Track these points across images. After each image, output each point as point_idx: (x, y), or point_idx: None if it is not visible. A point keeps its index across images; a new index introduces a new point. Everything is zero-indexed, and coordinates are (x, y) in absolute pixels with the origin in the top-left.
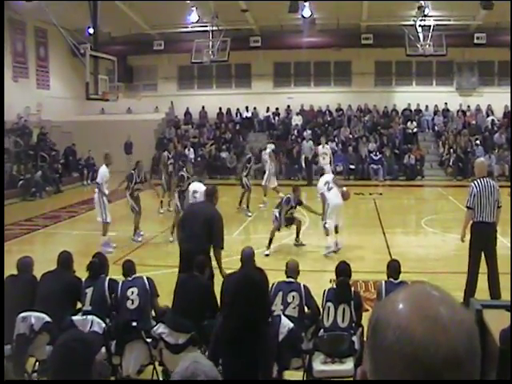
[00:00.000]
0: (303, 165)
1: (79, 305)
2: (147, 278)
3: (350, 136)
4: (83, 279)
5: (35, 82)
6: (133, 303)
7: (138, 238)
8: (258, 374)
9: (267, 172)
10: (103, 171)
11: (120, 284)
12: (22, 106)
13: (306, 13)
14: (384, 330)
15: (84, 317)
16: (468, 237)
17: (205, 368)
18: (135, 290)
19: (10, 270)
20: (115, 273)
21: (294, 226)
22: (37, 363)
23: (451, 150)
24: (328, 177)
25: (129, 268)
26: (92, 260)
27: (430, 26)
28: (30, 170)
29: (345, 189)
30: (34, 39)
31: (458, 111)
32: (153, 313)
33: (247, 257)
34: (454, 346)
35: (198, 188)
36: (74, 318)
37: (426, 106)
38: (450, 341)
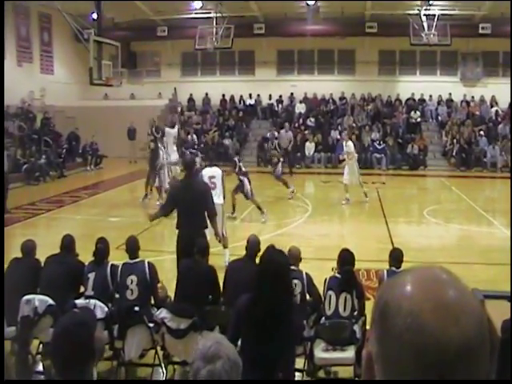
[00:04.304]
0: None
1: (82, 289)
2: (148, 264)
3: (353, 125)
4: (86, 263)
5: (39, 67)
6: (132, 293)
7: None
8: (279, 361)
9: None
10: None
11: (120, 267)
12: (26, 90)
13: (311, 1)
14: (394, 315)
15: (87, 300)
16: None
17: (227, 350)
18: (134, 278)
19: (15, 253)
20: (117, 258)
21: None
22: (41, 345)
23: (454, 141)
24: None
25: (132, 245)
26: (98, 246)
27: (434, 15)
28: (33, 155)
29: None
30: (38, 24)
31: (461, 101)
32: (152, 301)
33: (253, 245)
34: (466, 337)
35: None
36: (77, 301)
37: (430, 96)
38: (462, 332)
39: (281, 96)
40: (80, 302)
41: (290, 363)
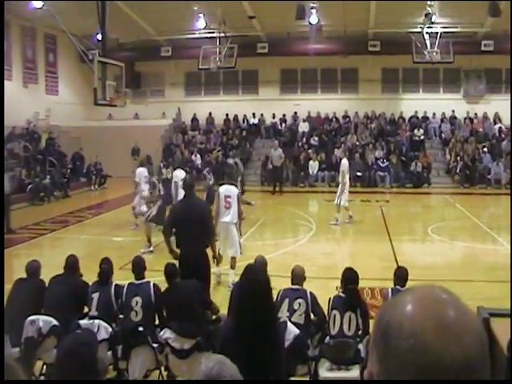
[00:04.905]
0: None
1: (86, 309)
2: (154, 286)
3: (357, 143)
4: (90, 283)
5: (44, 88)
6: (136, 315)
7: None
8: (270, 375)
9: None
10: None
11: (125, 287)
12: (32, 111)
13: (313, 20)
14: (396, 336)
15: (91, 321)
16: None
17: (230, 370)
18: (139, 300)
19: (19, 273)
20: (121, 278)
21: None
22: (44, 366)
23: (458, 158)
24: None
25: (138, 265)
26: (102, 266)
27: (437, 33)
28: (38, 175)
29: None
30: (44, 45)
31: (465, 118)
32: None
33: (259, 265)
34: (468, 356)
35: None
36: (81, 321)
37: (433, 114)
38: (464, 351)
39: (284, 115)
40: (84, 322)
41: (281, 376)
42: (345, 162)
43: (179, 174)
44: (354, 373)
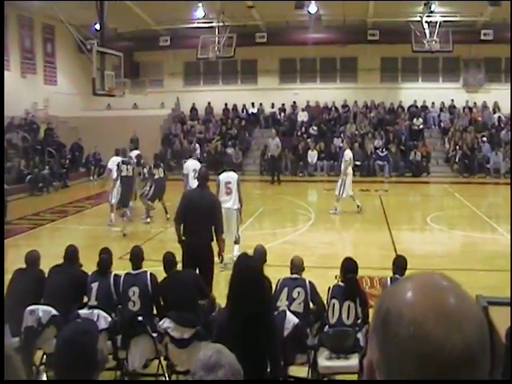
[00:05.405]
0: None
1: (86, 299)
2: (151, 276)
3: (356, 132)
4: (89, 273)
5: (43, 78)
6: (134, 305)
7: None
8: (266, 365)
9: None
10: None
11: (122, 278)
12: (30, 101)
13: (312, 9)
14: (397, 323)
15: (90, 311)
16: None
17: (228, 359)
18: (136, 290)
19: (19, 263)
20: (121, 268)
21: None
22: (44, 356)
23: (457, 147)
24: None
25: (136, 255)
26: (102, 256)
27: (436, 22)
28: (37, 165)
29: None
30: (42, 35)
31: (464, 108)
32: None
33: (259, 254)
34: (469, 344)
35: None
36: (81, 311)
37: (432, 103)
38: (465, 339)
39: (283, 104)
40: (83, 312)
41: (277, 363)
42: (348, 152)
43: (191, 165)
44: (352, 361)
